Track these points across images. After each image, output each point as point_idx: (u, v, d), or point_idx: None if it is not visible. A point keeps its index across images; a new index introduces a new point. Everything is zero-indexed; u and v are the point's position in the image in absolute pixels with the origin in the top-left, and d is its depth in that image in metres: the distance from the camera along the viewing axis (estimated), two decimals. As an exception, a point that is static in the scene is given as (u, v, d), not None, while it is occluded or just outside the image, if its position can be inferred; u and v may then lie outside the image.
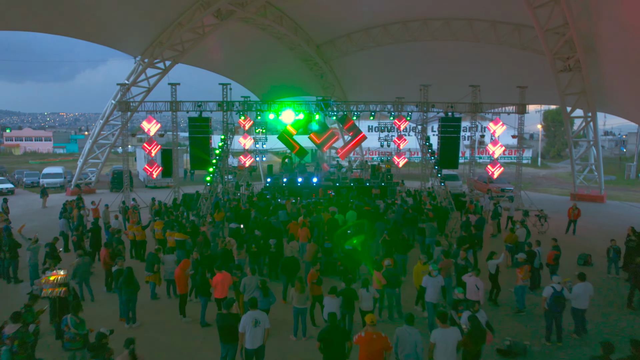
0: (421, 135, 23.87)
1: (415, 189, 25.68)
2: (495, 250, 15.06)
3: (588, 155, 27.76)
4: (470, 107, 23.75)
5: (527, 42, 24.88)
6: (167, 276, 10.84)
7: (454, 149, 23.83)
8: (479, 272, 9.52)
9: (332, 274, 12.75)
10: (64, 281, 8.97)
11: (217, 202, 19.95)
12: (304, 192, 24.17)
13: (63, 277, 9.03)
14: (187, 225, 14.81)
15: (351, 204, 18.96)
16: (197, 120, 23.17)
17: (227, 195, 23.11)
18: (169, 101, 23.22)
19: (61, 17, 21.47)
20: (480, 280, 9.44)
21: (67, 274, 9.34)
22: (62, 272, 9.16)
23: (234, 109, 23.58)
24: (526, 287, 10.55)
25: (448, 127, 23.65)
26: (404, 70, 31.49)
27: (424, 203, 19.43)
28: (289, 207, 17.95)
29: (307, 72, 33.66)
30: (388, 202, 19.69)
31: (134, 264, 12.52)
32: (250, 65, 32.10)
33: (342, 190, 24.07)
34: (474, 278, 9.46)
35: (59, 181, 32.07)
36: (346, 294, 8.60)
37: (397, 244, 12.33)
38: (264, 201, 19.42)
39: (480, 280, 9.43)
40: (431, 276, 9.22)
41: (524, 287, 10.36)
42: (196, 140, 23.26)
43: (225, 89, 23.57)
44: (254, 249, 12.09)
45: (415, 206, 18.47)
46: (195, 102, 23.17)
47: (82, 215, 16.86)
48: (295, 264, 10.58)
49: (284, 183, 25.07)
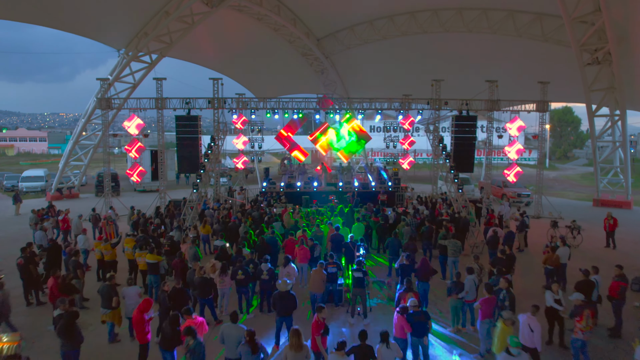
0: (433, 135, 21.57)
1: (428, 194, 23.35)
2: (529, 272, 13.06)
3: (613, 157, 25.50)
4: (487, 104, 21.46)
5: (549, 33, 22.58)
6: (129, 314, 8.54)
7: (469, 150, 21.52)
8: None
9: (337, 306, 10.51)
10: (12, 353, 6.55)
11: (203, 211, 17.66)
12: (304, 199, 21.93)
13: (12, 345, 6.50)
14: (166, 242, 12.51)
15: (357, 213, 16.71)
16: (185, 118, 20.89)
17: (218, 203, 20.81)
18: (154, 98, 20.95)
19: (39, 4, 19.20)
20: (535, 320, 7.21)
21: (18, 340, 6.84)
22: (8, 339, 6.70)
23: (226, 107, 21.30)
24: (588, 342, 7.72)
25: (463, 126, 21.35)
26: (412, 66, 29.23)
27: (440, 212, 17.11)
28: (286, 219, 15.65)
29: (307, 68, 31.39)
30: (398, 211, 17.38)
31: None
32: (245, 60, 29.78)
33: (345, 195, 21.78)
34: (527, 317, 7.22)
35: (39, 185, 29.79)
36: (360, 352, 6.31)
37: (418, 270, 10.03)
38: (258, 210, 17.11)
39: (534, 319, 7.20)
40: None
41: (585, 342, 7.58)
42: (184, 141, 20.95)
43: (216, 85, 21.30)
44: (240, 276, 9.79)
45: (431, 217, 16.16)
46: (183, 98, 20.90)
47: (43, 228, 14.39)
48: (290, 302, 8.27)
49: (281, 188, 22.76)
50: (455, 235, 13.12)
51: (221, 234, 13.23)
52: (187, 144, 20.85)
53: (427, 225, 14.18)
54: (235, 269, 9.87)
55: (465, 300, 9.09)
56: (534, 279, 12.42)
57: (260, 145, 26.51)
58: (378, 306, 10.76)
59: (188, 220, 16.83)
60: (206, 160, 19.48)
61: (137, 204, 22.82)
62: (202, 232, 15.00)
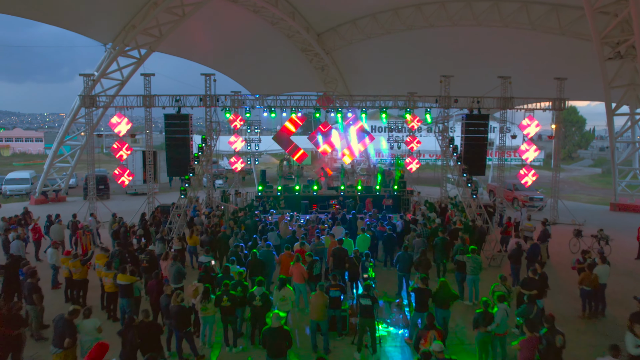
0: (442, 135, 20.03)
1: (436, 199, 21.74)
2: (558, 292, 11.33)
3: (632, 159, 23.98)
4: (499, 102, 19.95)
5: (566, 25, 21.01)
6: (86, 351, 6.98)
7: (480, 151, 19.98)
8: None
9: (341, 335, 8.98)
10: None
11: (193, 218, 16.12)
12: (303, 204, 20.39)
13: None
14: (144, 257, 10.96)
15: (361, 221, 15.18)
16: (175, 117, 19.36)
17: (210, 209, 19.27)
18: (142, 95, 19.42)
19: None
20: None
21: None
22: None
23: (219, 104, 19.77)
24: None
25: (474, 126, 19.82)
26: (418, 63, 27.62)
27: (453, 221, 15.55)
28: (283, 227, 14.10)
29: (306, 64, 29.80)
30: (407, 219, 15.80)
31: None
32: (240, 55, 28.18)
33: (348, 200, 20.22)
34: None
35: (24, 188, 28.22)
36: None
37: (437, 294, 8.47)
38: (252, 218, 15.54)
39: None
40: None
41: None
42: (174, 142, 19.42)
43: (208, 81, 19.78)
44: (225, 304, 8.25)
45: (443, 226, 14.59)
46: (173, 96, 19.40)
47: (20, 237, 12.81)
48: (282, 341, 6.73)
49: (278, 192, 21.19)
50: (473, 247, 11.55)
51: (207, 247, 11.67)
52: (177, 145, 19.32)
53: (441, 236, 12.61)
54: (219, 296, 8.32)
55: (496, 334, 7.56)
56: (565, 302, 10.84)
57: (258, 145, 25.11)
58: (389, 335, 9.22)
59: (175, 229, 15.25)
60: (196, 163, 17.93)
61: (126, 209, 21.35)
62: (189, 244, 13.46)
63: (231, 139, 23.45)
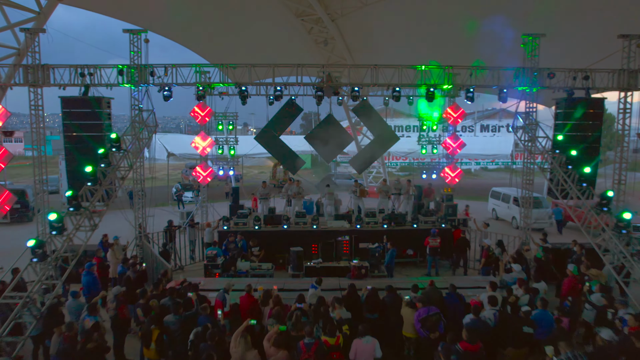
0: (529, 128, 12.13)
1: (521, 240, 13.31)
2: None
3: None
4: (620, 77, 12.09)
5: None
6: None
7: (591, 152, 12.10)
8: None
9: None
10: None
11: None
12: (293, 253, 12.26)
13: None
14: None
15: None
16: (80, 103, 11.61)
17: (123, 268, 11.31)
18: (25, 65, 11.64)
19: None
20: None
21: None
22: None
23: (153, 82, 11.92)
24: None
25: (580, 113, 11.98)
26: (456, 31, 19.29)
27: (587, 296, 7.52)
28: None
29: (302, 35, 21.69)
30: (500, 296, 7.76)
31: None
32: (206, 17, 19.65)
33: (373, 247, 12.20)
34: None
35: None
36: None
37: None
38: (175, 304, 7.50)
39: None
40: None
41: None
42: (76, 141, 11.63)
43: (135, 42, 11.93)
44: None
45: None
46: (76, 66, 11.61)
47: None
48: None
49: (254, 225, 13.14)
50: None
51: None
52: (82, 147, 11.52)
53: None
54: None
55: None
56: None
57: (233, 148, 17.73)
58: None
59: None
60: (103, 175, 10.05)
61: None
62: None
63: (196, 139, 15.98)
